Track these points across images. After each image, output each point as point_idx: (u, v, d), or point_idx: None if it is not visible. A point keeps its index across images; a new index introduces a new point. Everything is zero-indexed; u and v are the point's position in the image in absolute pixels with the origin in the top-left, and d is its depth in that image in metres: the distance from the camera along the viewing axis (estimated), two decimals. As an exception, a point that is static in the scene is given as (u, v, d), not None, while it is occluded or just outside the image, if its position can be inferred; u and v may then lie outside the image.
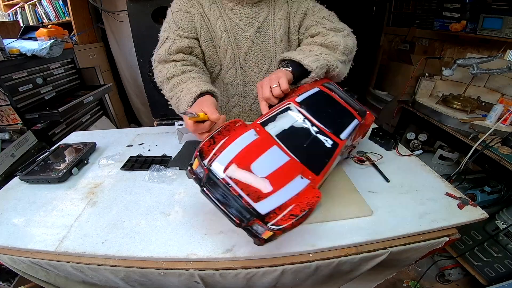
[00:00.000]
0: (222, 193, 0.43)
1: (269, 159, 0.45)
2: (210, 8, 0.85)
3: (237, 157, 0.44)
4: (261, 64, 0.92)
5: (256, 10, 0.87)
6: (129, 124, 2.90)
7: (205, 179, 0.44)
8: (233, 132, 0.49)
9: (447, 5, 1.84)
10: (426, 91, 1.79)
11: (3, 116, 1.48)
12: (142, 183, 0.68)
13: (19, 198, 0.66)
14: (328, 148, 0.50)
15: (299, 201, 0.42)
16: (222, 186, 0.42)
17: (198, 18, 0.84)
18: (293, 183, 0.44)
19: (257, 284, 0.53)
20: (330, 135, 0.51)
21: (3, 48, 1.47)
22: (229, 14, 0.86)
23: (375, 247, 0.52)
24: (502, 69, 1.37)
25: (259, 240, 0.41)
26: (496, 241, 1.20)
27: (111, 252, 0.50)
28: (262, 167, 0.44)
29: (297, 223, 0.40)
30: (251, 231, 0.42)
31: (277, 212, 0.40)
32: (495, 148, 1.20)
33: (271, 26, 0.89)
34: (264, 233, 0.40)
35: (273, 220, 0.39)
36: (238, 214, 0.41)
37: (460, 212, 0.57)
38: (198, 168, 0.46)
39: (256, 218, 0.39)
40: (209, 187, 0.44)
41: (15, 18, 2.37)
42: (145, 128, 1.01)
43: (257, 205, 0.39)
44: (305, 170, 0.47)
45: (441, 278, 1.44)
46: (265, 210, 0.39)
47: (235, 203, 0.41)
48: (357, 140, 0.67)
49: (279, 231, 0.39)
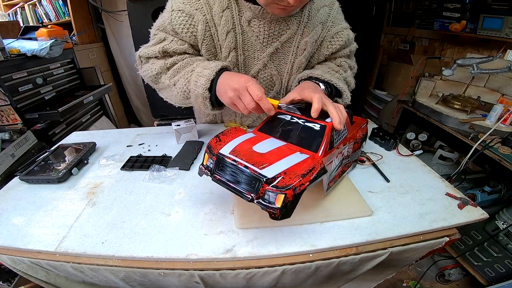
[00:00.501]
0: (231, 172, 0.47)
1: (268, 144, 0.52)
2: (221, 16, 0.68)
3: (240, 144, 0.51)
4: (267, 91, 0.82)
5: (281, 26, 0.71)
6: (129, 124, 2.90)
7: (214, 167, 0.50)
8: (235, 133, 0.56)
9: (447, 5, 1.84)
10: (426, 91, 1.79)
11: (3, 116, 1.48)
12: (142, 183, 0.68)
13: (19, 198, 0.66)
14: (318, 130, 0.54)
15: (302, 166, 0.45)
16: (230, 165, 0.47)
17: (201, 27, 0.69)
18: (293, 156, 0.48)
19: (257, 284, 0.53)
20: (317, 121, 0.55)
21: (3, 48, 1.47)
22: (245, 27, 0.71)
23: (375, 247, 0.52)
24: (502, 69, 1.37)
25: (275, 211, 0.42)
26: (496, 241, 1.20)
27: (111, 252, 0.50)
28: (262, 147, 0.50)
29: (305, 181, 0.42)
30: (264, 203, 0.43)
31: (282, 175, 0.43)
32: (495, 148, 1.20)
33: (293, 48, 0.75)
34: (276, 198, 0.42)
35: (281, 182, 0.42)
36: (248, 186, 0.45)
37: (460, 212, 0.57)
38: (208, 161, 0.52)
39: (265, 183, 0.43)
40: (219, 171, 0.49)
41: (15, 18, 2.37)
42: (145, 128, 1.01)
43: (263, 171, 0.43)
44: (302, 150, 0.51)
45: (441, 278, 1.44)
46: (271, 174, 0.43)
47: (243, 176, 0.46)
48: (357, 138, 0.67)
49: (290, 190, 0.41)
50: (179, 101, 0.75)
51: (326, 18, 0.75)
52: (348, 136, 0.61)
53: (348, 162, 0.67)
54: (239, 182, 0.46)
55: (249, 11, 0.68)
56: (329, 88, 0.73)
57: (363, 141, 0.73)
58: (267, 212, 0.43)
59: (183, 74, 0.69)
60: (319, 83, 0.71)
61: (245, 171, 0.45)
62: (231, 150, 0.49)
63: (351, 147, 0.64)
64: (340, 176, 0.64)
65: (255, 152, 0.48)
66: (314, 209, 0.57)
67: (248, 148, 0.49)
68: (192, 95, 0.68)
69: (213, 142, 0.53)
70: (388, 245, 0.53)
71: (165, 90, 0.78)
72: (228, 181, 0.48)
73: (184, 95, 0.69)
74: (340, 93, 0.75)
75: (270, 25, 0.70)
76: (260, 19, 0.69)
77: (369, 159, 0.75)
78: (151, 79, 0.76)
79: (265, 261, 0.50)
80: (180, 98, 0.72)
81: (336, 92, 0.76)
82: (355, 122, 0.69)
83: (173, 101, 0.78)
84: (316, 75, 0.72)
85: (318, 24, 0.74)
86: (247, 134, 0.56)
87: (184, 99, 0.72)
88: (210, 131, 0.95)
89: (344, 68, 0.82)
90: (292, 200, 0.42)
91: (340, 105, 0.56)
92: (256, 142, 0.52)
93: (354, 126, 0.67)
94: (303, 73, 0.76)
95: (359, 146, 0.70)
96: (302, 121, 0.56)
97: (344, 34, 0.77)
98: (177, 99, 0.74)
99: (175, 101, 0.77)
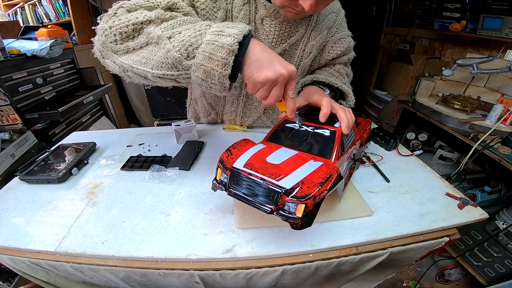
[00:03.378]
0: (247, 186, 0.47)
1: (280, 154, 0.51)
2: (241, 10, 0.68)
3: (252, 157, 0.50)
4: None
5: (291, 28, 0.72)
6: (129, 124, 2.90)
7: (229, 181, 0.49)
8: (245, 146, 0.55)
9: (447, 5, 1.84)
10: (426, 91, 1.79)
11: (3, 116, 1.48)
12: (142, 183, 0.68)
13: (19, 198, 0.66)
14: (328, 136, 0.54)
15: (318, 174, 0.45)
16: (245, 178, 0.46)
17: (221, 14, 0.66)
18: (308, 165, 0.48)
19: (257, 284, 0.53)
20: (326, 127, 0.55)
21: (3, 48, 1.47)
22: (258, 24, 0.71)
23: (375, 247, 0.52)
24: (502, 69, 1.37)
25: (296, 221, 0.42)
26: (496, 241, 1.20)
27: (111, 252, 0.50)
28: (275, 158, 0.50)
29: (324, 189, 0.42)
30: (284, 214, 0.43)
31: (300, 185, 0.43)
32: (495, 148, 1.20)
33: (300, 51, 0.76)
34: (297, 208, 0.41)
35: (299, 192, 0.42)
36: (266, 199, 0.44)
37: (460, 212, 0.57)
38: (222, 175, 0.51)
39: (284, 194, 0.42)
40: (235, 185, 0.48)
41: (15, 18, 2.37)
42: (145, 128, 1.01)
43: (280, 182, 0.43)
44: (315, 157, 0.51)
45: (441, 278, 1.44)
46: (289, 185, 0.43)
47: (260, 188, 0.45)
48: (363, 140, 0.67)
49: (310, 199, 0.41)
50: (163, 67, 0.47)
51: (332, 24, 0.78)
52: (355, 139, 0.61)
53: (353, 164, 0.67)
54: (256, 195, 0.46)
55: (264, 9, 0.68)
56: (333, 92, 0.74)
57: (367, 142, 0.73)
58: (288, 223, 0.43)
59: (191, 26, 0.47)
60: (323, 88, 0.72)
61: (262, 183, 0.44)
62: (244, 163, 0.48)
63: (357, 149, 0.65)
64: (349, 179, 0.64)
65: (269, 163, 0.48)
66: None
67: (262, 160, 0.49)
68: (201, 55, 0.45)
69: (225, 157, 0.51)
70: (388, 245, 0.53)
71: (139, 51, 0.50)
72: (245, 194, 0.47)
73: (185, 53, 0.45)
74: (344, 96, 0.76)
75: (281, 25, 0.70)
76: (273, 19, 0.69)
77: (369, 159, 0.75)
78: (126, 29, 0.48)
79: (265, 261, 0.50)
80: (171, 59, 0.45)
81: (340, 96, 0.76)
82: (360, 123, 0.69)
83: (149, 67, 0.49)
84: (321, 79, 0.73)
85: (324, 29, 0.75)
86: (258, 146, 0.54)
87: (176, 62, 0.45)
88: (210, 131, 0.95)
89: (343, 75, 0.84)
90: (313, 209, 0.42)
91: (348, 109, 0.56)
92: (268, 153, 0.51)
93: (359, 128, 0.67)
94: (306, 78, 0.77)
95: (363, 147, 0.70)
96: (311, 128, 0.56)
97: (346, 41, 0.79)
98: (161, 63, 0.47)
99: (155, 66, 0.48)
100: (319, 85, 0.72)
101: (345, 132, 0.53)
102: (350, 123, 0.53)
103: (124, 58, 0.51)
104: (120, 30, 0.49)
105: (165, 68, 0.48)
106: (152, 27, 0.48)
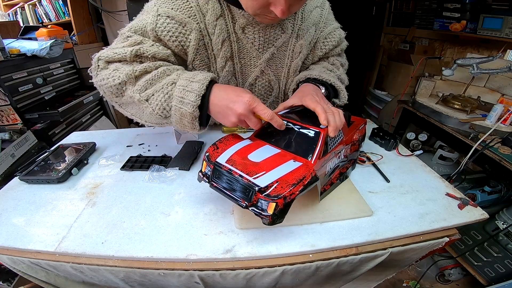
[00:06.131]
0: (227, 180, 0.50)
1: (263, 151, 0.53)
2: (215, 25, 0.64)
3: (236, 153, 0.52)
4: (266, 97, 0.81)
5: (276, 31, 0.69)
6: (129, 124, 2.90)
7: (212, 174, 0.52)
8: (232, 140, 0.57)
9: (447, 5, 1.84)
10: (426, 91, 1.79)
11: (3, 116, 1.48)
12: (142, 184, 0.68)
13: (19, 198, 0.66)
14: (312, 137, 0.54)
15: (294, 175, 0.46)
16: (226, 173, 0.49)
17: (195, 36, 0.64)
18: (286, 164, 0.49)
19: (257, 284, 0.53)
20: (311, 127, 0.55)
21: (3, 48, 1.47)
22: (239, 34, 0.68)
23: (375, 248, 0.52)
24: (502, 69, 1.37)
25: (267, 218, 0.44)
26: (496, 241, 1.20)
27: (111, 252, 0.50)
28: (257, 156, 0.51)
29: (295, 190, 0.44)
30: (257, 210, 0.46)
31: (275, 184, 0.45)
32: (495, 148, 1.20)
33: (289, 52, 0.74)
34: (268, 206, 0.44)
35: (272, 192, 0.44)
36: (242, 194, 0.47)
37: (460, 213, 0.57)
38: (206, 168, 0.54)
39: (258, 192, 0.45)
40: (216, 179, 0.51)
41: (15, 18, 2.37)
42: (145, 128, 1.00)
43: (256, 180, 0.46)
44: (296, 157, 0.52)
45: (441, 278, 1.44)
46: (263, 183, 0.45)
47: (238, 184, 0.48)
48: (355, 140, 0.67)
49: (281, 199, 0.43)
50: (154, 120, 0.61)
51: (318, 19, 0.76)
52: (345, 139, 0.61)
53: (346, 164, 0.67)
54: (234, 190, 0.49)
55: (243, 18, 0.66)
56: (327, 88, 0.74)
57: (361, 142, 0.73)
58: (260, 218, 0.45)
59: (159, 87, 0.56)
60: (319, 86, 0.71)
61: (239, 180, 0.47)
62: (227, 159, 0.51)
63: (348, 150, 0.64)
64: (338, 179, 0.64)
65: (250, 161, 0.50)
66: (314, 209, 0.57)
67: (244, 157, 0.51)
68: (175, 114, 0.56)
69: (211, 150, 0.54)
70: (388, 245, 0.53)
71: (131, 106, 0.63)
72: (224, 188, 0.50)
73: (163, 114, 0.57)
74: (338, 92, 0.76)
75: (265, 31, 0.68)
76: (254, 26, 0.67)
77: (369, 159, 0.75)
78: (112, 89, 0.59)
79: (265, 262, 0.50)
80: (156, 117, 0.58)
81: (333, 92, 0.76)
82: (353, 123, 0.69)
83: (143, 120, 0.63)
84: (314, 76, 0.72)
85: (311, 26, 0.74)
86: (244, 141, 0.56)
87: (161, 119, 0.58)
88: (209, 131, 0.95)
89: (337, 66, 0.83)
90: (283, 208, 0.45)
91: (339, 110, 0.56)
92: (252, 150, 0.53)
93: (351, 128, 0.66)
94: (301, 75, 0.76)
95: (357, 147, 0.70)
96: (297, 127, 0.57)
97: (336, 34, 0.79)
98: (151, 118, 0.60)
99: (148, 120, 0.62)
100: (314, 83, 0.71)
101: (331, 135, 0.53)
102: (338, 126, 0.53)
103: (122, 110, 0.65)
104: (109, 88, 0.60)
105: (154, 122, 0.62)
106: (130, 89, 0.58)
